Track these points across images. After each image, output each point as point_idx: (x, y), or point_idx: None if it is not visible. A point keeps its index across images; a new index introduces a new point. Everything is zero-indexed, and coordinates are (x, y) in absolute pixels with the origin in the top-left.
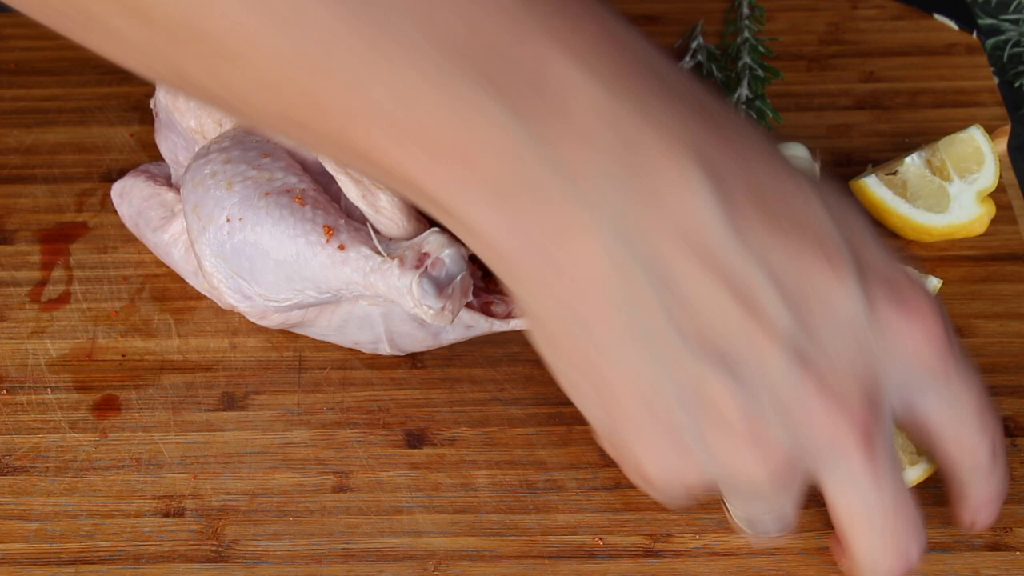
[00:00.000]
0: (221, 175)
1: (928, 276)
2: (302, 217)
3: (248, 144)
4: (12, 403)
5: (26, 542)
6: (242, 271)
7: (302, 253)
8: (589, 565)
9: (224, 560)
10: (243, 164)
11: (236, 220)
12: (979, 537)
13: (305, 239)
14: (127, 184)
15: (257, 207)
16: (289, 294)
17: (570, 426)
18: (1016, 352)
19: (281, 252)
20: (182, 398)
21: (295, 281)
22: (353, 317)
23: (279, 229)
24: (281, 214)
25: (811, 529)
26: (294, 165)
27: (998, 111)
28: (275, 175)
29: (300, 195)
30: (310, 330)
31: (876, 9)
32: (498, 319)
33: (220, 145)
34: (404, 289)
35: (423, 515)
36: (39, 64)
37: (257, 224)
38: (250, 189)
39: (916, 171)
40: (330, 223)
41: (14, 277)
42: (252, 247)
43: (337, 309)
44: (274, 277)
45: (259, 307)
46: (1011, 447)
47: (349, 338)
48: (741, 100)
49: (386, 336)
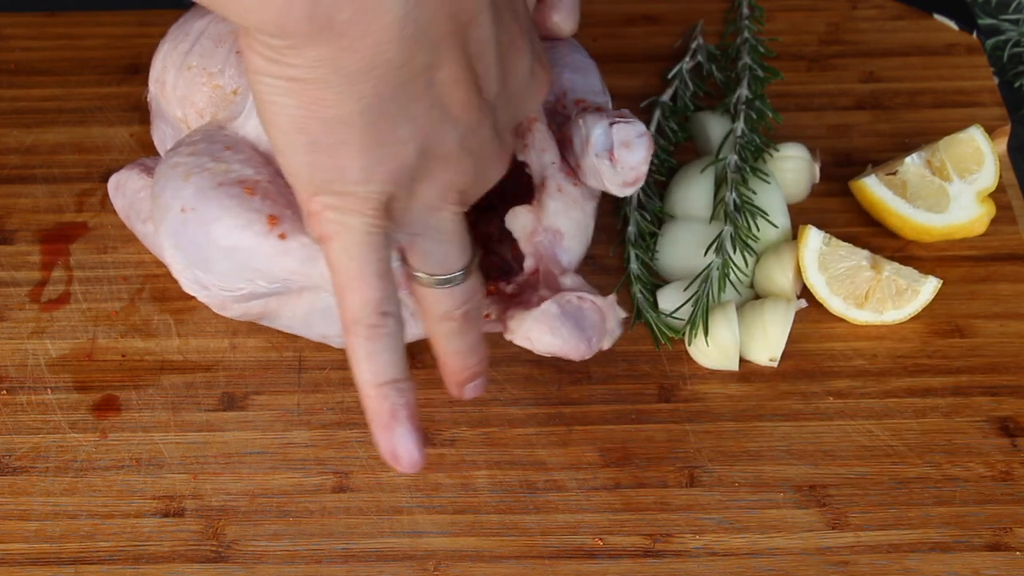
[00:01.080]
0: (182, 167)
1: (928, 276)
2: (249, 207)
3: (215, 138)
4: (12, 403)
5: (26, 542)
6: (197, 261)
7: (247, 242)
8: (589, 565)
9: (224, 560)
10: (206, 156)
11: (190, 210)
12: (979, 537)
13: (250, 229)
14: (122, 177)
15: (208, 197)
16: (241, 284)
17: (570, 426)
18: (1016, 352)
19: (229, 241)
20: (182, 398)
21: (244, 271)
22: (316, 309)
23: (227, 219)
24: (229, 204)
25: (811, 529)
26: (255, 157)
27: (998, 111)
28: (232, 167)
29: (252, 186)
30: (277, 322)
31: (876, 9)
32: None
33: (191, 139)
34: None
35: (423, 515)
36: (39, 64)
37: (207, 214)
38: (205, 180)
39: (916, 171)
40: (276, 212)
41: (14, 277)
42: (204, 237)
43: (299, 300)
44: (225, 267)
45: (217, 297)
46: (1011, 447)
47: (316, 331)
48: (741, 100)
49: None
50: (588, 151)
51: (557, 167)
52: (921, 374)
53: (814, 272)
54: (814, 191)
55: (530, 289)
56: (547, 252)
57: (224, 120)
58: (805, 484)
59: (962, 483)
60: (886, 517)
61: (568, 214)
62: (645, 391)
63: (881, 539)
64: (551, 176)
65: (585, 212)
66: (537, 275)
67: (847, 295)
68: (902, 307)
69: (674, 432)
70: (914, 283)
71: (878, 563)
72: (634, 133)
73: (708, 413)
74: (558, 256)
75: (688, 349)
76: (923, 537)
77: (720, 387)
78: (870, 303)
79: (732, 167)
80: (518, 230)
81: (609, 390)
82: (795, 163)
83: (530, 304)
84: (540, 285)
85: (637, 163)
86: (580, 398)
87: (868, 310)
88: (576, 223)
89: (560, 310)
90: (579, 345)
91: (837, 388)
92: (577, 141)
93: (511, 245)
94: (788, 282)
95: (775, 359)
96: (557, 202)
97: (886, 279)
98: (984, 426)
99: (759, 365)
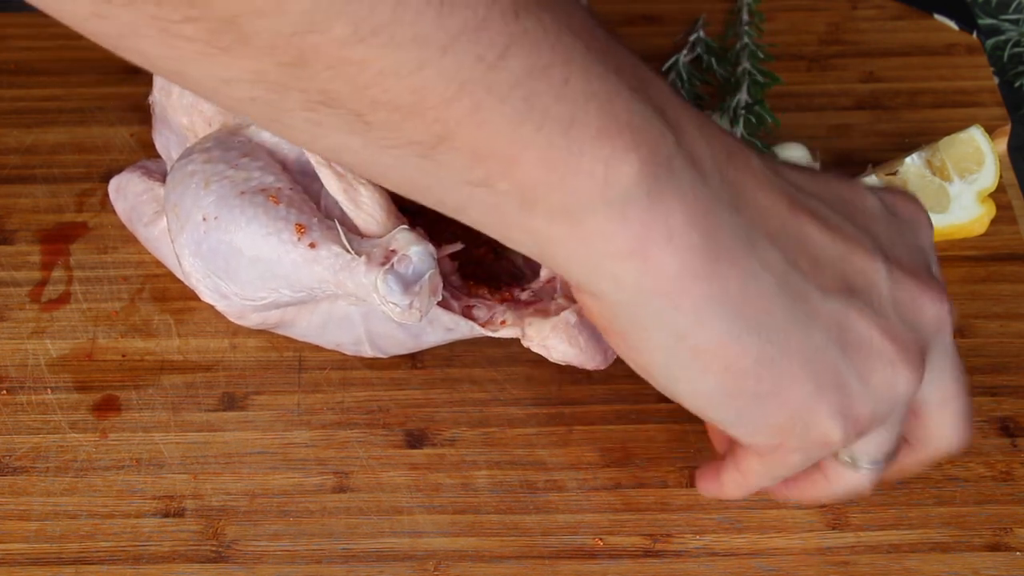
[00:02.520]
0: (200, 175)
1: None
2: (275, 216)
3: (229, 145)
4: (12, 403)
5: (26, 542)
6: (218, 270)
7: (275, 251)
8: (589, 565)
9: (224, 560)
10: (222, 164)
11: (212, 219)
12: (979, 537)
13: (277, 237)
14: (123, 179)
15: (232, 206)
16: (264, 293)
17: (570, 426)
18: (1016, 352)
19: (254, 250)
20: (182, 398)
21: (269, 280)
22: (333, 317)
23: (252, 228)
24: (255, 212)
25: (811, 529)
26: (273, 165)
27: (998, 111)
28: (252, 174)
29: (275, 194)
30: (291, 330)
31: (876, 9)
32: (478, 323)
33: (203, 146)
34: (370, 286)
35: (423, 515)
36: (39, 64)
37: (231, 223)
38: (226, 188)
39: (916, 171)
40: (303, 221)
41: (14, 277)
42: (227, 246)
43: (316, 309)
44: (248, 276)
45: (236, 306)
46: (1011, 447)
47: (330, 339)
48: (740, 105)
49: (366, 337)
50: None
51: None
52: None
53: None
54: None
55: (547, 297)
56: None
57: (236, 127)
58: None
59: (962, 483)
60: (886, 517)
61: None
62: (645, 391)
63: (881, 539)
64: None
65: None
66: (554, 283)
67: None
68: None
69: (674, 432)
70: None
71: (878, 563)
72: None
73: None
74: None
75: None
76: (923, 537)
77: None
78: None
79: None
80: None
81: (609, 390)
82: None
83: (548, 312)
84: (557, 293)
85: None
86: (580, 398)
87: None
88: None
89: (578, 319)
90: (596, 355)
91: None
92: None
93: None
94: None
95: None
96: None
97: None
98: (984, 426)
99: None
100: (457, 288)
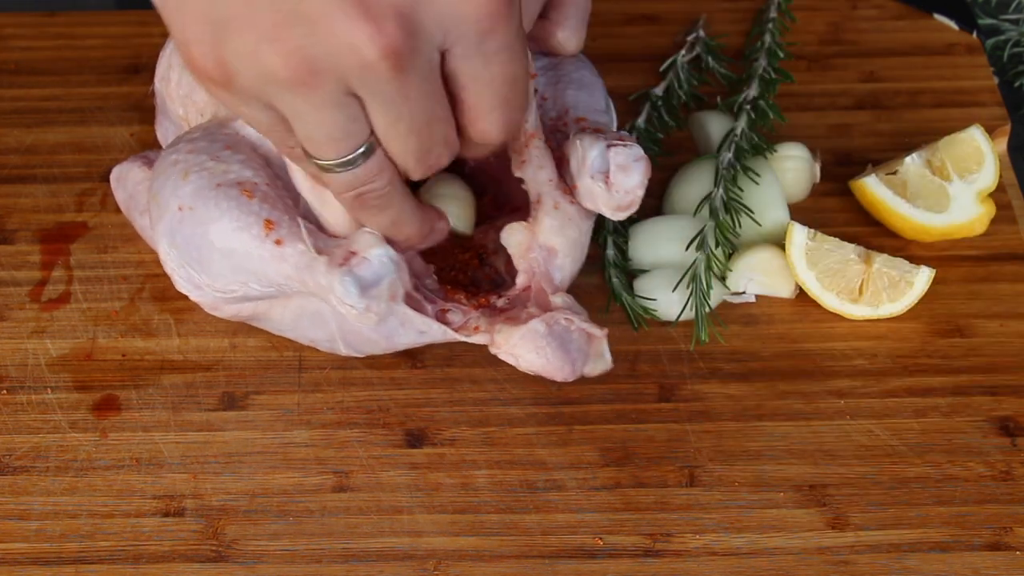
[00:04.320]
0: (181, 164)
1: (920, 267)
2: (247, 210)
3: (216, 136)
4: (12, 403)
5: (26, 542)
6: (192, 260)
7: (244, 246)
8: (589, 565)
9: (224, 560)
10: (204, 155)
11: (187, 209)
12: (979, 537)
13: (248, 232)
14: (124, 169)
15: (207, 197)
16: (234, 285)
17: (570, 426)
18: (1016, 352)
19: (225, 243)
20: (182, 398)
21: (239, 273)
22: (305, 312)
23: (224, 221)
24: (228, 206)
25: (811, 529)
26: (255, 159)
27: (998, 111)
28: (231, 167)
29: (250, 188)
30: (266, 324)
31: (876, 9)
32: (452, 328)
33: (190, 136)
34: (328, 287)
35: (423, 515)
36: (39, 64)
37: (205, 214)
38: (204, 179)
39: (916, 171)
40: (273, 218)
41: (14, 277)
42: (200, 237)
43: (289, 304)
44: (220, 268)
45: (209, 297)
46: (1011, 447)
47: (305, 335)
48: (748, 99)
49: (339, 334)
50: (584, 173)
51: (554, 184)
52: (921, 374)
53: (803, 267)
54: (814, 191)
55: (520, 305)
56: (540, 269)
57: (225, 118)
58: (805, 484)
59: (962, 483)
60: (886, 517)
61: (563, 232)
62: (645, 391)
63: (881, 539)
64: (547, 193)
65: (581, 231)
66: (529, 291)
67: (840, 290)
68: (897, 299)
69: (674, 432)
70: (906, 274)
71: (878, 563)
72: (631, 157)
73: (708, 413)
74: (551, 273)
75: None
76: (923, 537)
77: (720, 387)
78: (865, 297)
79: (725, 164)
80: (513, 246)
81: (609, 390)
82: (795, 163)
83: (518, 320)
84: (530, 302)
85: (632, 187)
86: (580, 398)
87: (864, 304)
88: (571, 241)
89: (547, 330)
90: (563, 367)
91: (837, 388)
92: (574, 162)
93: (505, 258)
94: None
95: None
96: (553, 219)
97: (877, 272)
98: (984, 426)
99: (760, 364)
100: (433, 292)
